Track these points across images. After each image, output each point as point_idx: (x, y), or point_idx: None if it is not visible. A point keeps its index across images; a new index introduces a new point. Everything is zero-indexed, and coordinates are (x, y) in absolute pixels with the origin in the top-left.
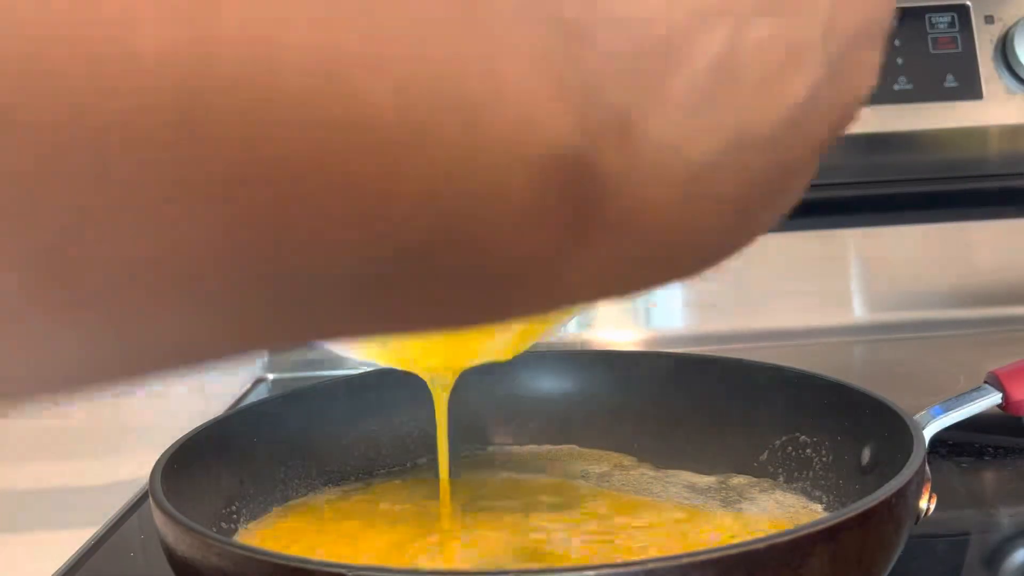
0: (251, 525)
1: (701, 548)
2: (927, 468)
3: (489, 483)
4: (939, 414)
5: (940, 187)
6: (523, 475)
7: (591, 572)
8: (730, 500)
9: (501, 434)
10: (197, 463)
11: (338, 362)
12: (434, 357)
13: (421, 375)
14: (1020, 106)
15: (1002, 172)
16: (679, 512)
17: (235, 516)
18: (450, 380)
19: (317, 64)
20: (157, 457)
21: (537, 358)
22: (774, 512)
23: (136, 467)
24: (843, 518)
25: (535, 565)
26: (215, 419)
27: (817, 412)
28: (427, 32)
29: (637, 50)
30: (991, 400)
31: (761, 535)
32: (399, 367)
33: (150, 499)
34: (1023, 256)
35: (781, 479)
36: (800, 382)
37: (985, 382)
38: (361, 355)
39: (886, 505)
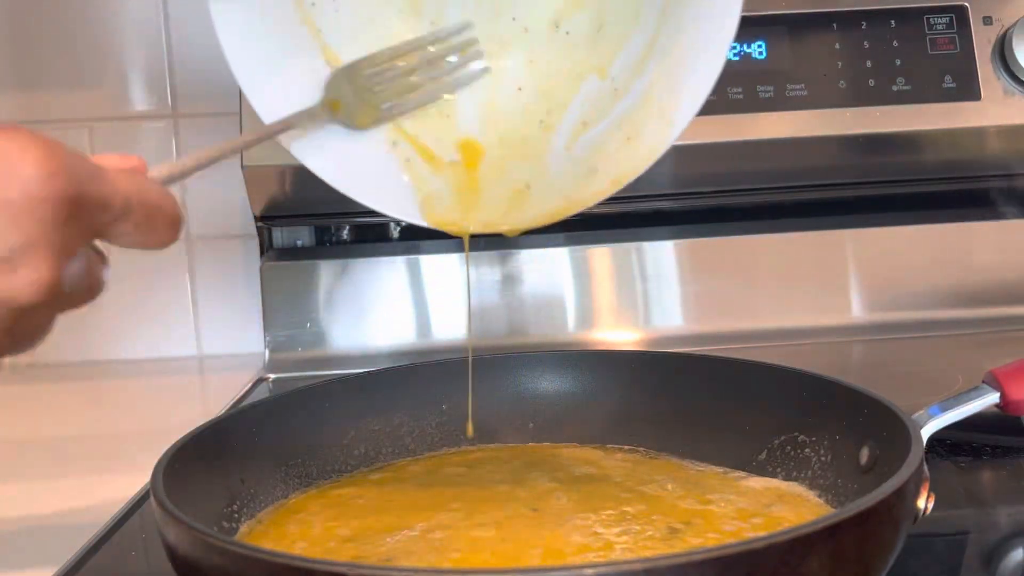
0: (252, 524)
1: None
2: (925, 467)
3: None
4: (937, 414)
5: (938, 187)
6: (523, 474)
7: (591, 571)
8: None
9: (501, 433)
10: (198, 463)
11: (338, 362)
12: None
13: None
14: (1018, 107)
15: (1000, 172)
16: (680, 491)
17: (236, 515)
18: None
19: None
20: (156, 460)
21: (537, 358)
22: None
23: (136, 469)
24: (842, 517)
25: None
26: (215, 419)
27: (816, 412)
28: None
29: None
30: (989, 400)
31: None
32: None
33: (151, 498)
34: (1021, 256)
35: (780, 478)
36: (799, 382)
37: (983, 382)
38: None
39: (885, 504)
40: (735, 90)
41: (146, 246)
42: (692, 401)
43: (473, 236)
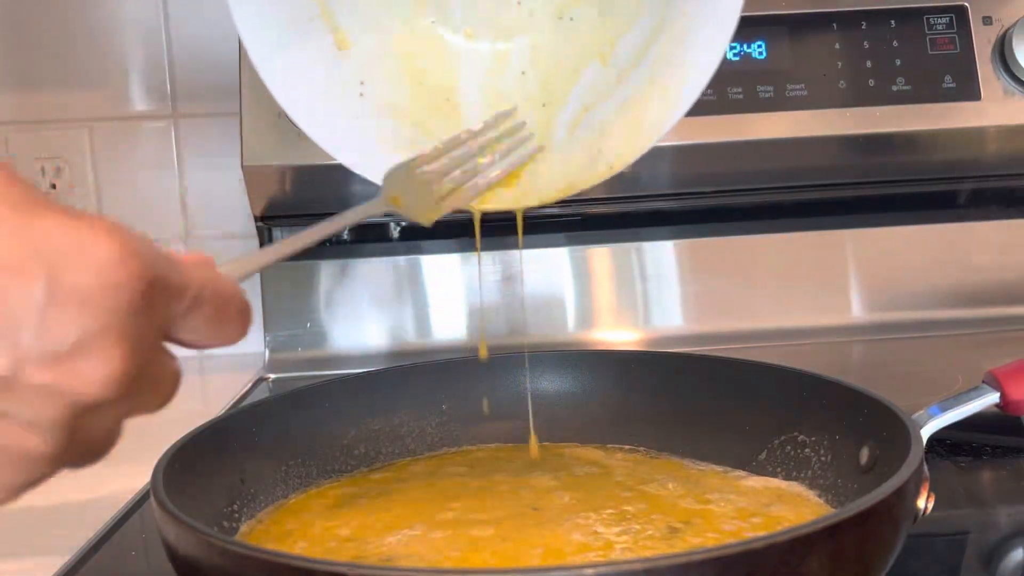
0: (252, 524)
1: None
2: (925, 467)
3: (492, 476)
4: (937, 414)
5: (938, 187)
6: (524, 473)
7: (590, 571)
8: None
9: (501, 433)
10: (198, 462)
11: (338, 362)
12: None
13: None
14: (1018, 106)
15: (1000, 172)
16: (681, 489)
17: (236, 515)
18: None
19: None
20: (157, 459)
21: (537, 358)
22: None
23: (136, 469)
24: (842, 517)
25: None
26: (215, 419)
27: (816, 412)
28: None
29: None
30: (989, 400)
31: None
32: None
33: (151, 498)
34: (1021, 256)
35: (780, 478)
36: (799, 382)
37: (983, 382)
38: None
39: (885, 504)
40: (735, 90)
41: (214, 342)
42: (692, 401)
43: (474, 236)
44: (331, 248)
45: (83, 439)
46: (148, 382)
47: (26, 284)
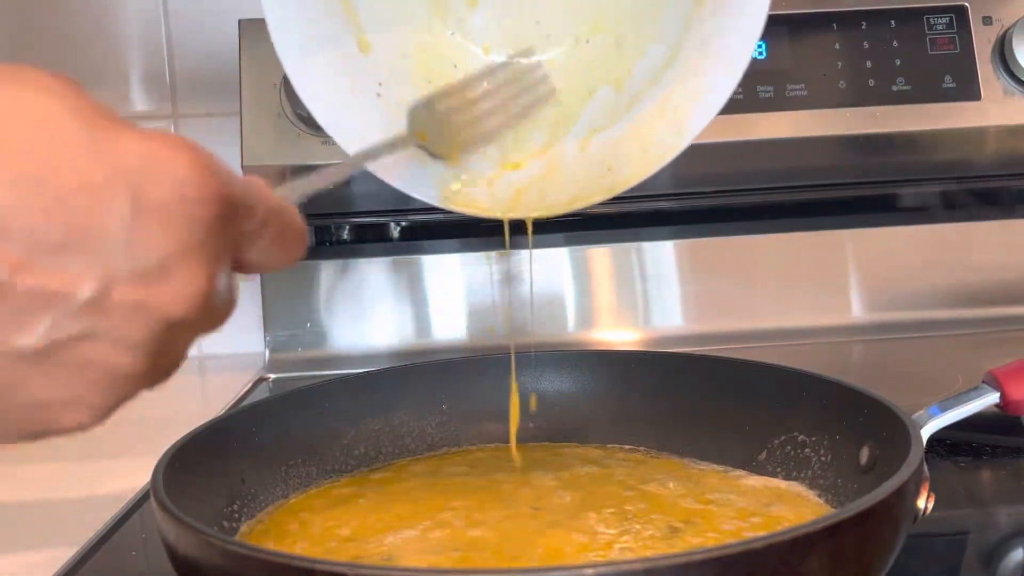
0: (252, 524)
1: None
2: (925, 467)
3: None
4: (937, 414)
5: (939, 187)
6: (524, 473)
7: (590, 571)
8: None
9: (502, 433)
10: (198, 462)
11: (338, 362)
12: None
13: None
14: (1018, 107)
15: (1000, 172)
16: (681, 489)
17: (236, 515)
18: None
19: None
20: (157, 459)
21: (537, 358)
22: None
23: (137, 469)
24: (842, 517)
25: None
26: (216, 419)
27: (815, 412)
28: None
29: None
30: (989, 400)
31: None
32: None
33: (151, 498)
34: (1021, 256)
35: (780, 478)
36: (798, 382)
37: (983, 382)
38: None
39: (885, 504)
40: (735, 90)
41: (276, 263)
42: (692, 401)
43: (474, 236)
44: (331, 248)
45: (159, 361)
46: (217, 301)
47: (112, 203)
